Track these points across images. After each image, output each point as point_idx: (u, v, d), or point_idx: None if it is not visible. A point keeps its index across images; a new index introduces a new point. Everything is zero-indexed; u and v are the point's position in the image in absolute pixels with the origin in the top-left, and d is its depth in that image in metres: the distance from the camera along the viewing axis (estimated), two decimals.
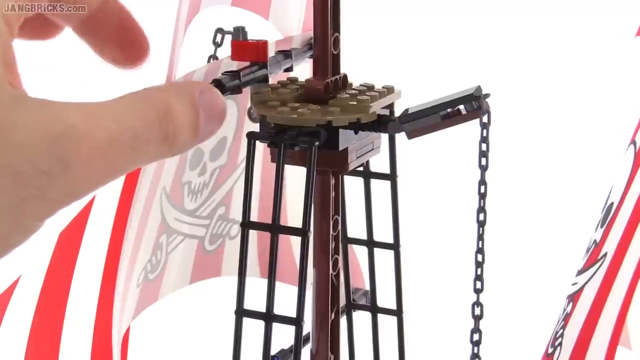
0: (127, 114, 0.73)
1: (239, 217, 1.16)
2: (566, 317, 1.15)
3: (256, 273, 1.27)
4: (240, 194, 1.11)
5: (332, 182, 1.10)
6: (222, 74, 1.00)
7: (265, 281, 0.99)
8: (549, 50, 2.34)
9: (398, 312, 1.19)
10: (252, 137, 1.01)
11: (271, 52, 1.10)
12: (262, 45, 1.03)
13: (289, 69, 1.11)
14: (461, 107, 1.02)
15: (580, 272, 1.16)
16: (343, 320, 1.21)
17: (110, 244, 1.09)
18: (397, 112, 1.07)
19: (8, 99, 0.68)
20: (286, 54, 1.10)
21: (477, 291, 1.06)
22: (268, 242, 1.00)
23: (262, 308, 0.99)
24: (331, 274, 1.12)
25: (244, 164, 1.09)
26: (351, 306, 1.25)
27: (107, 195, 1.08)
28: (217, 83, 0.98)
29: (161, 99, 0.75)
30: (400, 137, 1.07)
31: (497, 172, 1.08)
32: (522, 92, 2.26)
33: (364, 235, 1.19)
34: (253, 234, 1.03)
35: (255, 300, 1.03)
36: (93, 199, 1.09)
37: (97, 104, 0.72)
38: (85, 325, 1.10)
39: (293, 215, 1.23)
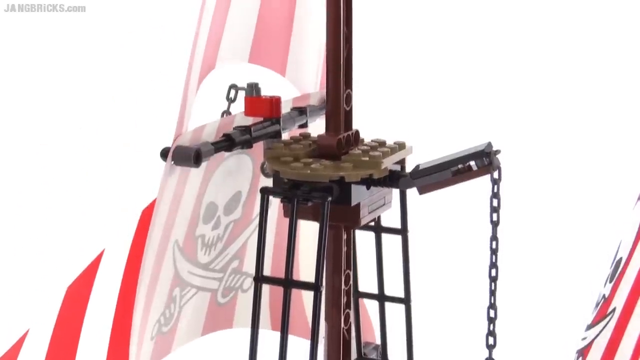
0: None
1: (252, 271, 1.16)
2: None
3: (267, 325, 1.27)
4: (254, 247, 1.11)
5: (344, 237, 1.11)
6: (234, 128, 1.02)
7: (276, 333, 1.00)
8: (556, 106, 2.35)
9: None
10: (265, 192, 1.02)
11: (287, 109, 1.12)
12: (275, 101, 1.05)
13: (304, 125, 1.12)
14: (472, 163, 1.02)
15: (589, 327, 1.16)
16: None
17: (120, 299, 1.09)
18: (409, 168, 1.08)
19: None
20: (301, 111, 1.12)
21: (490, 347, 1.06)
22: (279, 294, 1.00)
23: None
24: (343, 328, 1.12)
25: (258, 219, 1.10)
26: None
27: (116, 250, 1.08)
28: (227, 137, 1.00)
29: None
30: (412, 192, 1.08)
31: (507, 226, 1.09)
32: (531, 146, 2.27)
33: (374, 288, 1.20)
34: (265, 285, 1.04)
35: (266, 352, 1.03)
36: (102, 253, 1.10)
37: None
38: None
39: (305, 271, 1.23)
